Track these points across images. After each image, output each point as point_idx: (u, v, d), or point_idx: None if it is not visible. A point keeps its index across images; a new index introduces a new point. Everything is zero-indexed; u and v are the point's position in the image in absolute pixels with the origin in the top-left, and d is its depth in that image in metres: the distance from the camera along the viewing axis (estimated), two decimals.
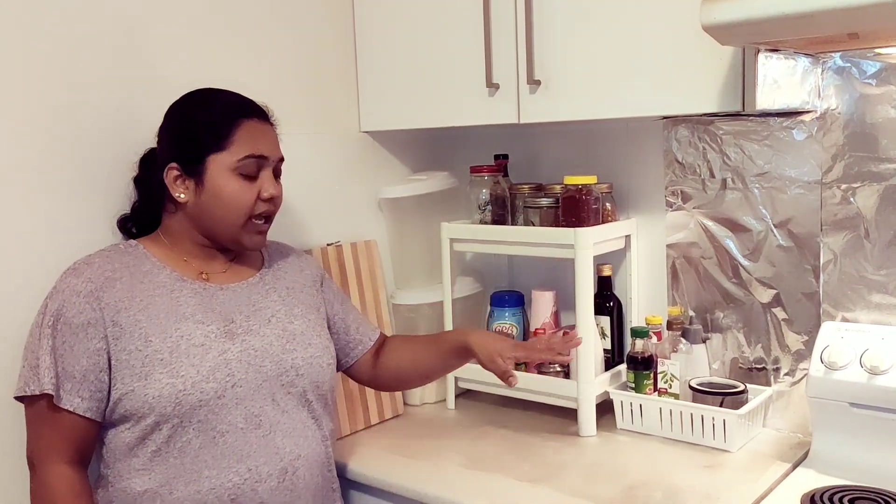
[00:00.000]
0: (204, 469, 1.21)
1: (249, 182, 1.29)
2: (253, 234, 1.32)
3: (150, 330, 1.22)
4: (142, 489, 1.21)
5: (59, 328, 1.20)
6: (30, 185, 1.33)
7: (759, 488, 1.35)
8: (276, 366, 1.29)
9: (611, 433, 1.63)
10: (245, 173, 1.28)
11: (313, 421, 1.33)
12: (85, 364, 1.19)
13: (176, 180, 1.29)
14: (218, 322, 1.27)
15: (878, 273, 1.47)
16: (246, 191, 1.28)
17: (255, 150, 1.28)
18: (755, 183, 1.59)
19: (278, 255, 1.46)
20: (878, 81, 1.43)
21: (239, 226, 1.30)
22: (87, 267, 1.25)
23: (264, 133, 1.31)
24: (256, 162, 1.29)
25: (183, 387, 1.19)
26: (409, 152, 1.98)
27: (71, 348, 1.19)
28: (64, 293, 1.21)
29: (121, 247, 1.32)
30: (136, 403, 1.19)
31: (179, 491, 1.21)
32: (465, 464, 1.51)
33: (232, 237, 1.31)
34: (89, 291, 1.21)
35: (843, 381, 1.39)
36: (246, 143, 1.28)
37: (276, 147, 1.33)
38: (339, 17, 1.82)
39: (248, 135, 1.28)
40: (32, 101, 1.32)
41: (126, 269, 1.27)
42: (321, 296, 1.47)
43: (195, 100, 1.32)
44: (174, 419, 1.19)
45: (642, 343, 1.63)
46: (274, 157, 1.32)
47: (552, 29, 1.53)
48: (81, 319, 1.20)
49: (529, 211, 1.71)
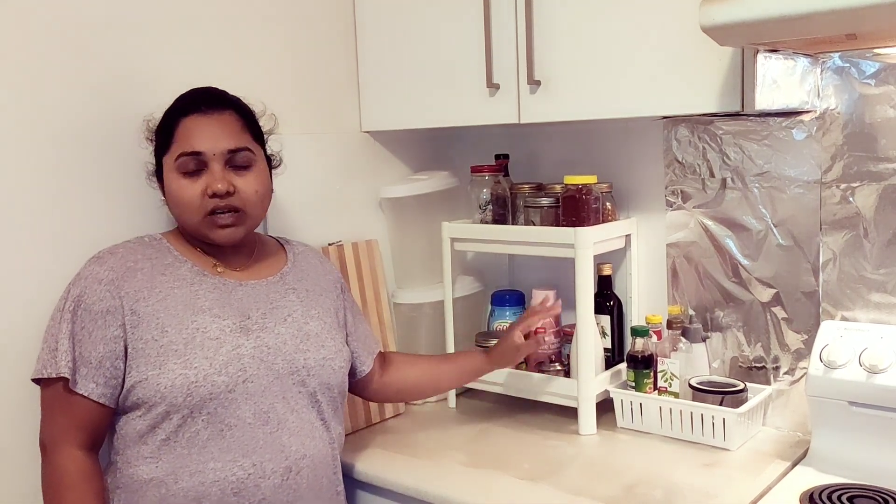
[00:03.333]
0: (210, 461, 1.23)
1: (193, 179, 1.27)
2: (215, 228, 1.29)
3: (167, 321, 1.23)
4: (148, 477, 1.22)
5: (79, 314, 1.22)
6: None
7: (758, 486, 1.36)
8: (288, 364, 1.30)
9: (611, 432, 1.64)
10: (185, 171, 1.27)
11: (321, 423, 1.34)
12: (101, 350, 1.21)
13: (153, 182, 1.35)
14: (234, 317, 1.29)
15: (877, 272, 1.47)
16: (187, 188, 1.27)
17: (187, 148, 1.26)
18: (755, 182, 1.59)
19: (303, 258, 1.47)
20: (877, 81, 1.43)
21: (196, 223, 1.29)
22: (111, 256, 1.27)
23: (204, 127, 1.27)
24: (192, 159, 1.26)
25: (195, 378, 1.21)
26: (410, 152, 1.98)
27: (89, 334, 1.21)
28: (86, 280, 1.24)
29: (145, 239, 1.34)
30: (149, 392, 1.20)
31: (184, 481, 1.22)
32: (465, 462, 1.51)
33: (198, 233, 1.31)
34: (111, 280, 1.23)
35: (843, 380, 1.39)
36: (182, 140, 1.27)
37: (222, 139, 1.28)
38: (340, 17, 1.83)
39: (185, 132, 1.28)
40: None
41: (148, 260, 1.29)
42: (341, 302, 1.48)
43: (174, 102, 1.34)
44: (184, 409, 1.21)
45: (642, 342, 1.63)
46: (215, 150, 1.27)
47: (552, 29, 1.53)
48: (101, 307, 1.22)
49: (530, 210, 1.71)
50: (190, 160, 1.27)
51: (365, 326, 1.55)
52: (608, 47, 1.47)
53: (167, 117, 1.32)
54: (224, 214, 1.28)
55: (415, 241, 1.90)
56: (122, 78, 1.45)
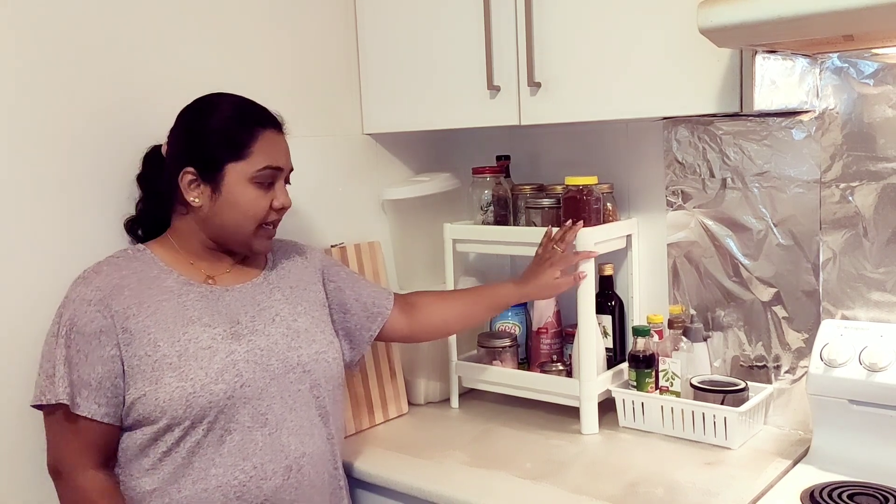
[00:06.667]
0: (211, 467, 1.23)
1: (264, 191, 1.32)
2: (263, 239, 1.36)
3: (159, 335, 1.24)
4: (151, 488, 1.23)
5: (72, 337, 1.22)
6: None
7: (759, 485, 1.37)
8: (283, 364, 1.31)
9: (613, 431, 1.64)
10: (260, 183, 1.31)
11: (320, 418, 1.35)
12: (100, 371, 1.21)
13: (190, 185, 1.30)
14: (224, 324, 1.29)
15: (877, 271, 1.48)
16: (260, 200, 1.32)
17: (272, 162, 1.32)
18: (755, 182, 1.60)
19: (282, 254, 1.48)
20: (876, 81, 1.44)
21: (250, 232, 1.33)
22: (96, 275, 1.27)
23: (280, 144, 1.35)
24: (272, 173, 1.32)
25: (192, 389, 1.21)
26: (412, 154, 1.99)
27: (85, 357, 1.21)
28: (75, 302, 1.24)
29: (129, 252, 1.34)
30: (149, 407, 1.21)
31: (187, 489, 1.23)
32: (468, 462, 1.52)
33: (242, 242, 1.35)
34: (99, 300, 1.23)
35: (843, 379, 1.40)
36: (264, 154, 1.31)
37: (289, 158, 1.37)
38: (341, 21, 1.84)
39: (266, 146, 1.31)
40: (38, 106, 1.34)
41: (134, 275, 1.29)
42: (324, 290, 1.49)
43: (213, 106, 1.33)
44: (186, 421, 1.22)
45: (644, 341, 1.64)
46: (287, 168, 1.36)
47: (552, 31, 1.54)
48: (93, 327, 1.22)
49: (531, 211, 1.72)
50: (270, 174, 1.32)
51: (367, 283, 1.56)
52: (608, 49, 1.48)
53: (239, 126, 1.30)
54: (272, 227, 1.37)
55: (417, 243, 1.91)
56: (128, 80, 1.45)
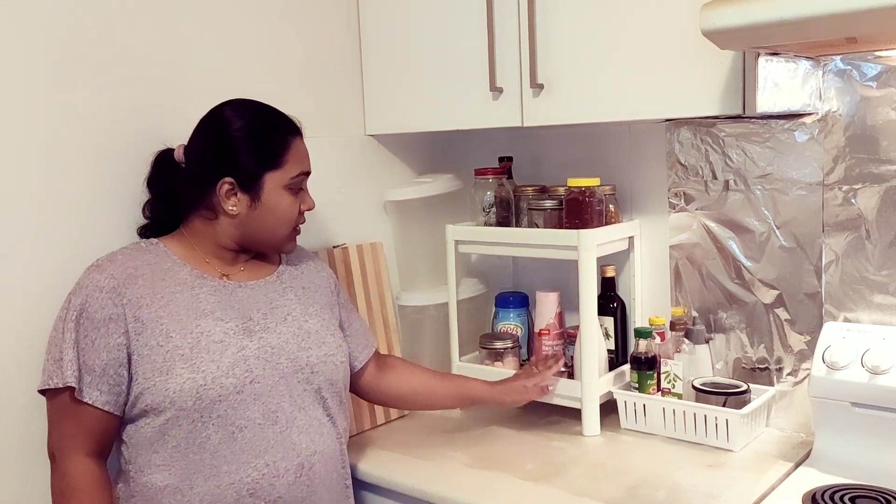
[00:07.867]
0: (223, 464, 1.24)
1: (295, 196, 1.37)
2: (292, 241, 1.42)
3: (171, 326, 1.25)
4: (163, 484, 1.24)
5: (81, 322, 1.23)
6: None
7: (761, 487, 1.37)
8: (292, 363, 1.32)
9: (614, 433, 1.64)
10: (293, 188, 1.36)
11: (328, 418, 1.36)
12: (105, 358, 1.22)
13: (228, 194, 1.32)
14: (236, 319, 1.31)
15: (880, 274, 1.48)
16: (294, 205, 1.38)
17: (304, 168, 1.38)
18: (757, 184, 1.60)
19: (295, 256, 1.49)
20: (879, 84, 1.43)
21: (284, 235, 1.38)
22: (110, 263, 1.28)
23: (305, 149, 1.40)
24: (302, 178, 1.39)
25: (203, 381, 1.22)
26: (414, 155, 1.99)
27: (92, 342, 1.22)
28: (87, 289, 1.25)
29: (142, 245, 1.35)
30: (157, 398, 1.22)
31: (199, 486, 1.23)
32: (469, 463, 1.52)
33: (276, 245, 1.40)
34: (112, 287, 1.24)
35: (845, 381, 1.40)
36: (296, 161, 1.36)
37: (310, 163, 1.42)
38: (344, 21, 1.84)
39: (297, 153, 1.37)
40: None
41: (147, 266, 1.30)
42: (336, 298, 1.51)
43: (239, 115, 1.34)
44: (194, 413, 1.22)
45: (646, 343, 1.64)
46: (310, 173, 1.42)
47: (554, 33, 1.54)
48: (103, 315, 1.23)
49: (533, 213, 1.72)
50: (302, 180, 1.39)
51: (359, 323, 1.57)
52: (610, 50, 1.48)
53: (273, 136, 1.34)
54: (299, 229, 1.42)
55: (419, 244, 1.91)
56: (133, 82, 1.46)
